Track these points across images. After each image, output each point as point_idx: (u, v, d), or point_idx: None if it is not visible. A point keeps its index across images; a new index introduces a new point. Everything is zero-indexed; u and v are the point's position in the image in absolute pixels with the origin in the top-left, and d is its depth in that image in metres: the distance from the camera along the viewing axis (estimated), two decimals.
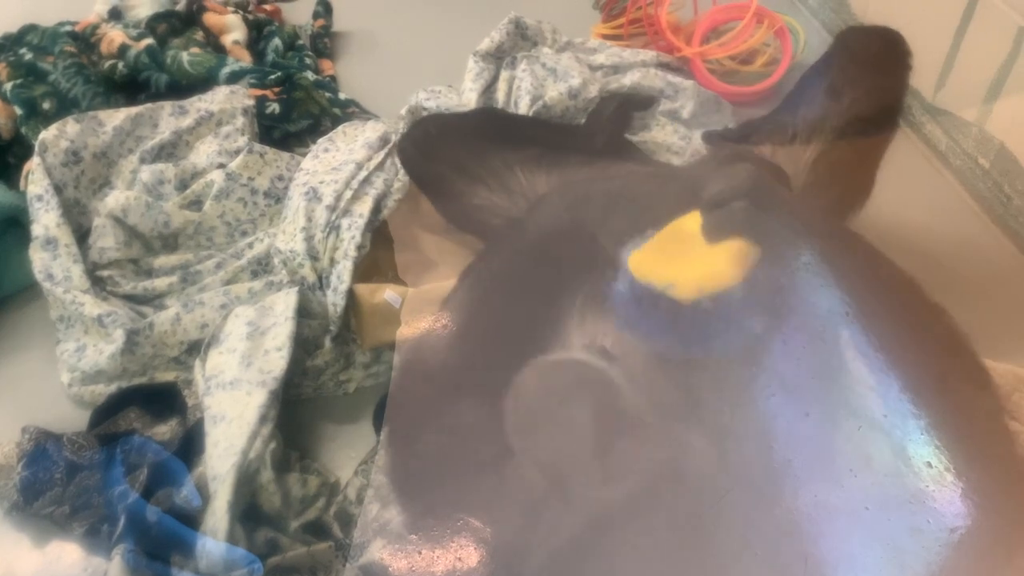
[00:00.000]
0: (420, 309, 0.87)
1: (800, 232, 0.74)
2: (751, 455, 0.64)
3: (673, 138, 1.17)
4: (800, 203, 0.84)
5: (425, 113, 1.15)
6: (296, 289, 0.91)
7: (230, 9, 1.41)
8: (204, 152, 1.07)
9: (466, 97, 1.17)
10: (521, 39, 1.27)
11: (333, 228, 0.94)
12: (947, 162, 1.19)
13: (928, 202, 1.14)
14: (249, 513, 0.77)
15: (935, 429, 0.63)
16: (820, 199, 0.85)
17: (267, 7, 1.51)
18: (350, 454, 0.86)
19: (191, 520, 0.75)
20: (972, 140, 1.14)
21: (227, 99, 1.14)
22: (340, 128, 1.10)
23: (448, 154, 0.95)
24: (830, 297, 0.69)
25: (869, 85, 0.86)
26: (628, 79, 1.21)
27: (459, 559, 0.64)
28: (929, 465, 0.62)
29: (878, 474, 0.62)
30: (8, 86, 1.15)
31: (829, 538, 0.61)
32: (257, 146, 1.06)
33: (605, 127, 1.12)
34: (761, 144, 0.92)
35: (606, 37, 1.41)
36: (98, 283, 0.97)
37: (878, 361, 0.66)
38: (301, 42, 1.40)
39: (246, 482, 0.77)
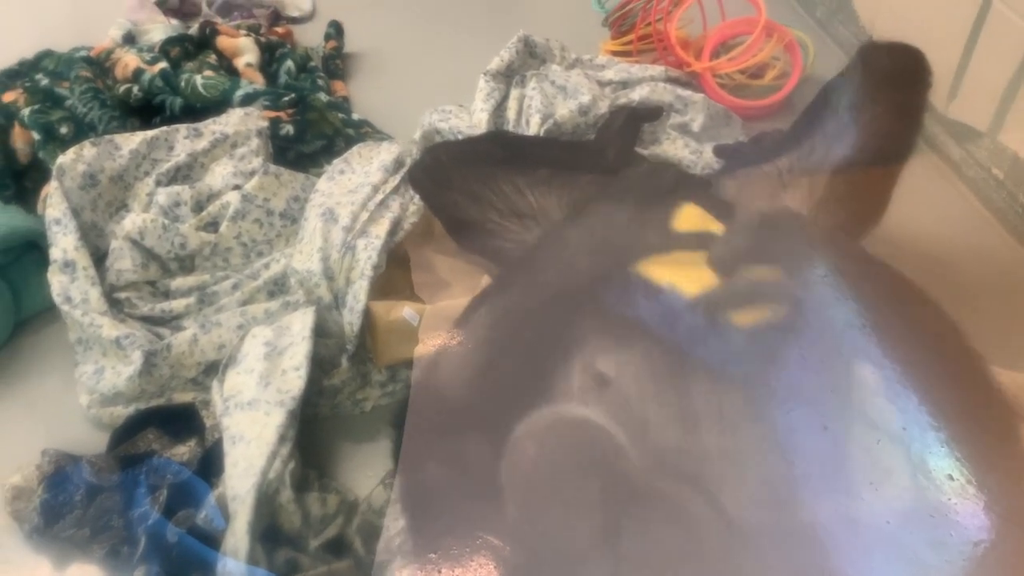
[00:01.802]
0: (437, 326, 0.87)
1: (815, 246, 0.74)
2: (769, 469, 0.64)
3: (684, 152, 1.17)
4: (815, 221, 0.84)
5: (438, 136, 1.16)
6: (313, 309, 0.91)
7: (242, 32, 1.43)
8: (219, 174, 1.08)
9: (477, 117, 1.18)
10: (530, 57, 1.28)
11: (349, 248, 0.95)
12: (961, 173, 1.19)
13: (942, 213, 1.13)
14: (269, 533, 0.77)
15: (955, 441, 0.63)
16: (836, 216, 0.85)
17: (279, 29, 1.53)
18: (368, 472, 0.86)
19: (211, 541, 0.76)
20: (985, 151, 1.13)
21: (241, 121, 1.15)
22: (355, 149, 1.11)
23: (459, 181, 0.96)
24: (846, 310, 0.69)
25: (888, 102, 0.86)
26: (637, 94, 1.22)
27: None
28: (950, 478, 0.61)
29: (898, 487, 0.62)
30: (26, 111, 1.16)
31: (850, 552, 0.61)
32: (272, 167, 1.07)
33: (615, 141, 1.12)
34: (776, 158, 0.93)
35: (615, 54, 1.41)
36: (116, 305, 0.98)
37: (895, 373, 0.66)
38: (313, 64, 1.41)
39: (266, 502, 0.77)
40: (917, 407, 0.64)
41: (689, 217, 0.81)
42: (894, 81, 0.88)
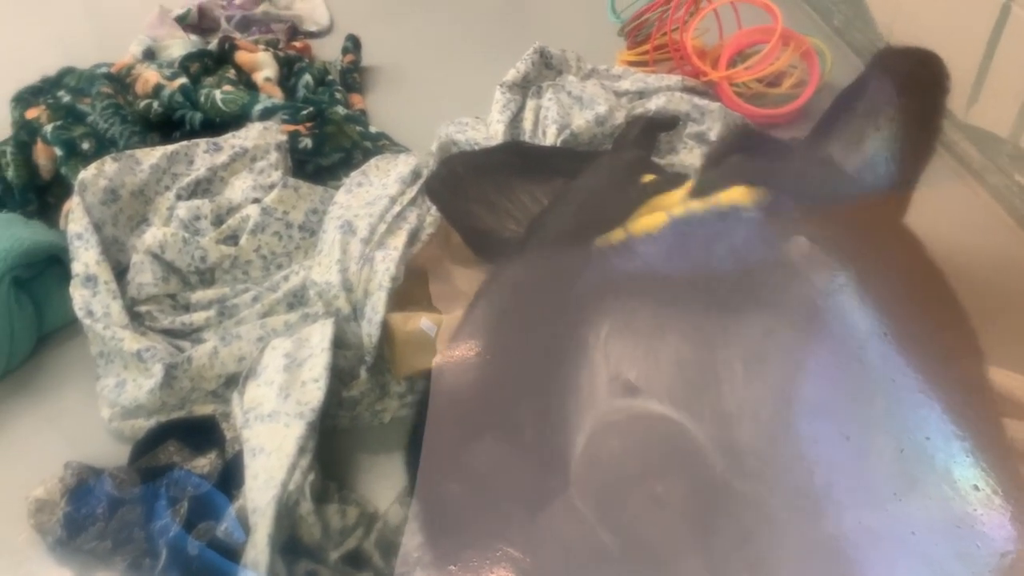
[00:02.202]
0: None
1: (835, 249, 0.73)
2: (791, 480, 0.64)
3: (701, 161, 1.17)
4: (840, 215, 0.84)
5: (455, 147, 1.17)
6: (331, 320, 0.92)
7: (261, 47, 1.44)
8: (239, 187, 1.09)
9: (493, 128, 1.18)
10: (546, 68, 1.28)
11: (367, 260, 0.95)
12: (982, 180, 1.18)
13: (963, 220, 1.12)
14: (289, 545, 0.77)
15: (980, 451, 0.62)
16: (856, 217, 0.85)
17: (297, 44, 1.54)
18: (387, 484, 0.86)
19: (232, 553, 0.76)
20: (1007, 157, 1.12)
21: (260, 135, 1.15)
22: (372, 162, 1.11)
23: (476, 191, 0.96)
24: (867, 317, 0.69)
25: (906, 107, 0.85)
26: (653, 103, 1.21)
27: None
28: (976, 488, 0.61)
29: (923, 498, 0.62)
30: (48, 128, 1.17)
31: (875, 564, 0.60)
32: (291, 180, 1.07)
33: (631, 150, 1.12)
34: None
35: (631, 64, 1.41)
36: (137, 319, 0.99)
37: (917, 382, 0.65)
38: (331, 77, 1.42)
39: (286, 514, 0.77)
40: (941, 416, 0.64)
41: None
42: (911, 86, 0.87)
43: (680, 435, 0.61)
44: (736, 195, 0.72)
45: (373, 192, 1.05)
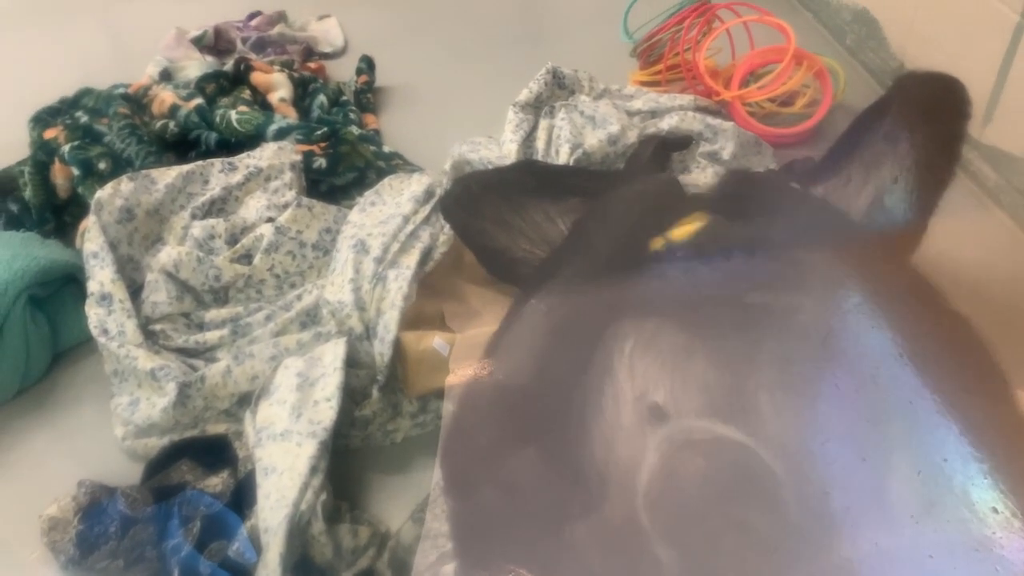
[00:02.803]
0: (467, 356, 0.87)
1: (849, 273, 0.73)
2: (808, 501, 0.63)
3: (714, 180, 1.17)
4: (851, 244, 0.84)
5: (468, 166, 1.17)
6: (344, 340, 0.92)
7: (276, 68, 1.46)
8: (253, 207, 1.10)
9: (506, 148, 1.19)
10: (559, 88, 1.29)
11: (380, 279, 0.95)
12: (997, 199, 1.17)
13: (980, 240, 1.12)
14: (301, 565, 0.77)
15: (998, 472, 0.61)
16: (875, 242, 0.84)
17: (312, 65, 1.55)
18: (399, 504, 0.86)
19: (244, 573, 0.76)
20: (1022, 176, 1.12)
21: (275, 155, 1.16)
22: (386, 181, 1.12)
23: (489, 210, 0.96)
24: (882, 339, 0.68)
25: (927, 132, 0.85)
26: (666, 123, 1.22)
27: None
28: (995, 510, 0.60)
29: (941, 520, 0.61)
30: (66, 148, 1.19)
31: None
32: (305, 200, 1.08)
33: (644, 170, 1.12)
34: (813, 185, 0.92)
35: (644, 84, 1.42)
36: (151, 337, 0.99)
37: (934, 403, 0.64)
38: (345, 98, 1.43)
39: (298, 534, 0.77)
40: (958, 437, 0.63)
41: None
42: (933, 112, 0.87)
43: (754, 460, 0.60)
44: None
45: (386, 211, 1.05)
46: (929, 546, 0.60)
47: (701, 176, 1.18)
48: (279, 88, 1.39)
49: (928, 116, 0.87)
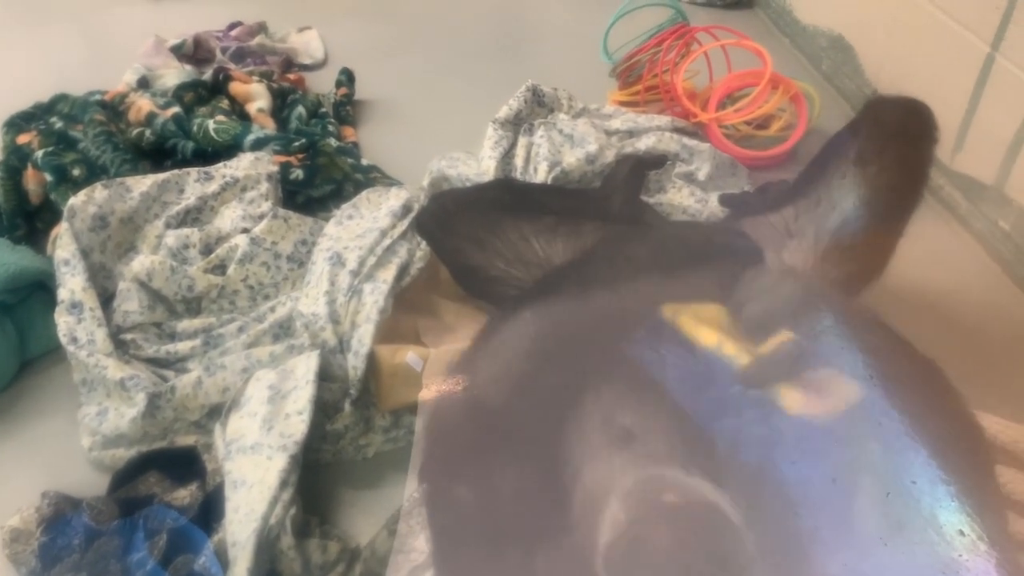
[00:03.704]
0: (441, 371, 0.87)
1: (821, 299, 0.73)
2: (777, 523, 0.63)
3: (689, 200, 1.18)
4: (820, 274, 0.84)
5: (446, 182, 1.17)
6: (317, 353, 0.91)
7: (255, 78, 1.45)
8: (229, 217, 1.09)
9: (485, 164, 1.19)
10: (538, 106, 1.30)
11: (356, 292, 0.95)
12: (967, 225, 1.19)
13: (949, 265, 1.13)
14: None
15: (966, 496, 0.62)
16: (840, 268, 0.85)
17: (291, 76, 1.55)
18: (369, 519, 0.85)
19: None
20: (991, 203, 1.14)
21: (252, 165, 1.16)
22: (363, 194, 1.12)
23: (465, 228, 0.96)
24: (852, 361, 0.69)
25: (895, 155, 0.86)
26: (643, 143, 1.23)
27: None
28: (961, 533, 0.60)
29: (909, 542, 0.61)
30: (39, 154, 1.17)
31: None
32: (281, 211, 1.07)
33: (621, 188, 1.13)
34: (782, 209, 0.93)
35: (622, 104, 1.43)
36: (121, 346, 0.98)
37: (903, 426, 0.65)
38: (324, 110, 1.43)
39: (266, 548, 0.76)
40: (927, 460, 0.63)
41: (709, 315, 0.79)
42: (901, 135, 0.88)
43: (721, 525, 0.58)
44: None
45: (364, 225, 1.05)
46: (898, 568, 0.60)
47: (676, 196, 1.19)
48: (258, 99, 1.39)
49: (896, 139, 0.88)
